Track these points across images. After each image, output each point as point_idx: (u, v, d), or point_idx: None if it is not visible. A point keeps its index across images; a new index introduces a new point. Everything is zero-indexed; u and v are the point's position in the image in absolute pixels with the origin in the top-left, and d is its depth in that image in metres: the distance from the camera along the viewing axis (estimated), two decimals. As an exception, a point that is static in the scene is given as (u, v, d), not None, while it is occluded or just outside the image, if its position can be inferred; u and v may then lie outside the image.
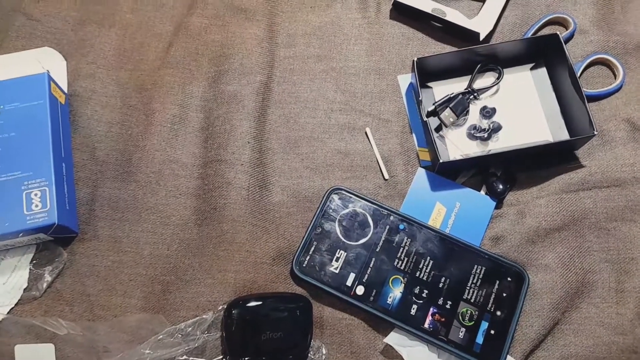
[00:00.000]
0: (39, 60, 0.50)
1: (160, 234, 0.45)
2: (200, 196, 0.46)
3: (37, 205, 0.41)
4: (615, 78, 0.51)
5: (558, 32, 0.48)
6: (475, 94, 0.50)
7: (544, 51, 0.50)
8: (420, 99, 0.47)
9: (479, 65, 0.50)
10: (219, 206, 0.46)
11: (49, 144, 0.44)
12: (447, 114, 0.48)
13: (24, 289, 0.42)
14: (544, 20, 0.53)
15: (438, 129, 0.49)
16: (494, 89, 0.51)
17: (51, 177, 0.43)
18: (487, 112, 0.49)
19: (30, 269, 0.43)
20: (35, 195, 0.42)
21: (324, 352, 0.41)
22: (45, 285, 0.43)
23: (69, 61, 0.51)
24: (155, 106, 0.49)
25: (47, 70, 0.46)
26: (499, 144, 0.48)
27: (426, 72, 0.49)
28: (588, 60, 0.51)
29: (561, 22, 0.53)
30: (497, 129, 0.49)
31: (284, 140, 0.49)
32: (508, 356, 0.40)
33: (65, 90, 0.49)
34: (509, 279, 0.43)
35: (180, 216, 0.46)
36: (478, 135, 0.48)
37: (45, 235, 0.43)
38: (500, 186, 0.46)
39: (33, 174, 0.42)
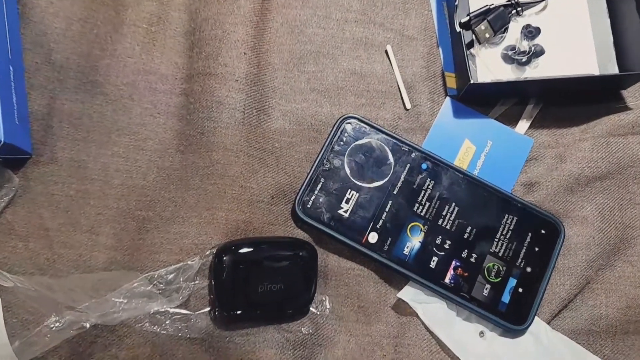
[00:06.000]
0: None
1: (134, 160, 0.37)
2: (184, 117, 0.38)
3: (-26, 117, 0.32)
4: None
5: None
6: (519, 9, 0.42)
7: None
8: (456, 3, 0.39)
9: (529, -26, 0.41)
10: (207, 130, 0.38)
11: (-10, 39, 0.34)
12: (483, 28, 0.40)
13: (-35, 220, 0.35)
14: None
15: (469, 45, 0.41)
16: (542, 5, 0.42)
17: (-7, 83, 0.34)
18: (529, 32, 0.42)
19: (-29, 196, 0.35)
20: (-28, 103, 0.33)
21: (328, 305, 0.36)
22: (-8, 215, 0.35)
23: None
24: (128, 1, 0.40)
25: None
26: (537, 71, 0.41)
27: (465, -24, 0.40)
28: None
29: None
30: (538, 53, 0.41)
31: (287, 54, 0.40)
32: (535, 317, 0.36)
33: (10, -29, 0.38)
34: (542, 231, 0.38)
35: (159, 140, 0.38)
36: (516, 57, 0.41)
37: (-10, 155, 0.34)
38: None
39: (-33, 77, 0.33)
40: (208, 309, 0.34)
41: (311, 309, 0.35)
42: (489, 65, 0.41)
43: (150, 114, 0.38)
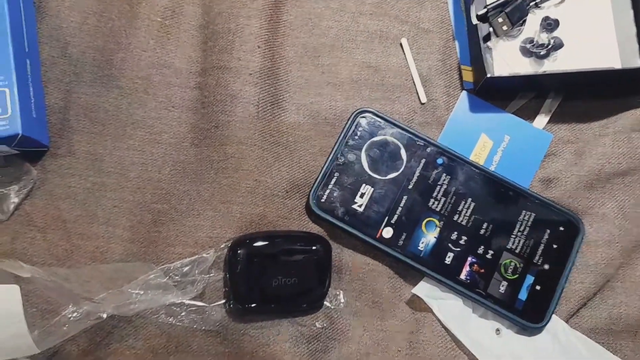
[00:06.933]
0: None
1: (150, 153, 0.37)
2: (199, 110, 0.38)
3: (-7, 110, 0.33)
4: None
5: None
6: (538, 1, 0.41)
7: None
8: (472, -5, 0.38)
9: (549, -36, 0.40)
10: (221, 124, 0.38)
11: (7, 33, 0.34)
12: (500, 21, 0.39)
13: (-15, 211, 0.35)
14: None
15: (486, 38, 0.40)
16: (562, -3, 0.41)
17: (11, 76, 0.34)
18: (548, 24, 0.41)
19: (-9, 188, 0.35)
20: (-9, 96, 0.33)
21: (342, 300, 0.35)
22: (12, 207, 0.35)
23: None
24: (142, -6, 0.40)
25: None
26: (556, 65, 0.40)
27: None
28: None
29: None
30: (557, 46, 0.40)
31: (301, 48, 0.40)
32: (552, 315, 0.35)
33: (27, -34, 0.39)
34: (561, 228, 0.37)
35: (174, 133, 0.38)
36: (534, 50, 0.40)
37: (8, 148, 0.35)
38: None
39: (-13, 71, 0.33)
40: (223, 301, 0.34)
41: (325, 303, 0.35)
42: (506, 59, 0.40)
43: (165, 107, 0.38)
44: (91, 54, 0.39)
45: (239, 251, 0.33)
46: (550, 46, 0.40)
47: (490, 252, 0.36)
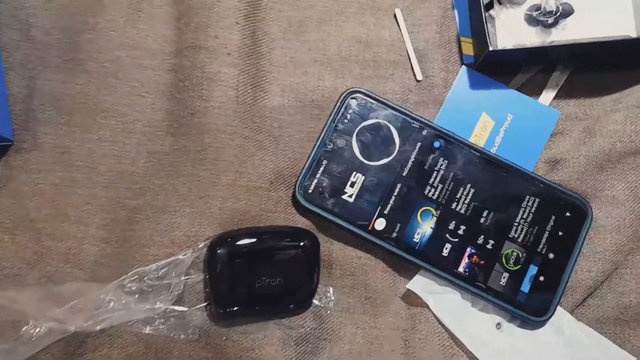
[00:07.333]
0: None
1: (122, 144, 0.35)
2: (174, 96, 0.35)
3: (-56, 103, 0.30)
4: None
5: None
6: (546, -36, 0.37)
7: None
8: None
9: None
10: (199, 110, 0.35)
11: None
12: None
13: (-52, 212, 0.33)
14: None
15: (488, 6, 0.37)
16: (572, -42, 0.37)
17: (-35, 63, 0.31)
18: (557, -10, 0.37)
19: (-48, 187, 0.33)
20: (-61, 88, 0.30)
21: (332, 297, 0.33)
22: (-24, 206, 0.33)
23: None
24: (108, -33, 0.36)
25: None
26: (565, 34, 0.37)
27: None
28: None
29: None
30: (567, 13, 0.37)
31: (285, 22, 0.36)
32: (558, 307, 0.33)
33: (-23, -62, 0.35)
34: (567, 213, 0.34)
35: (148, 121, 0.35)
36: (541, 19, 0.37)
37: (-33, 143, 0.32)
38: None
39: None
40: (204, 304, 0.32)
41: (314, 301, 0.33)
42: (510, 29, 0.37)
43: (138, 93, 0.35)
44: (56, 35, 0.35)
45: (218, 251, 0.31)
46: (558, 13, 0.37)
47: (491, 241, 0.34)
